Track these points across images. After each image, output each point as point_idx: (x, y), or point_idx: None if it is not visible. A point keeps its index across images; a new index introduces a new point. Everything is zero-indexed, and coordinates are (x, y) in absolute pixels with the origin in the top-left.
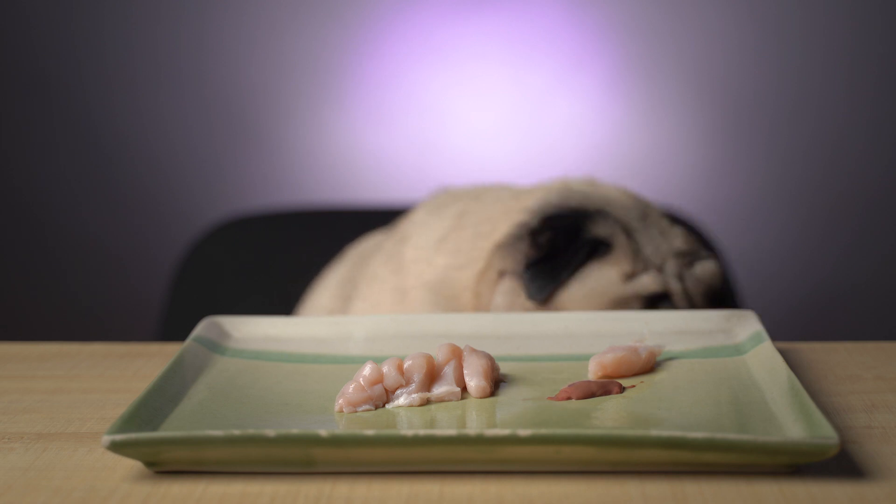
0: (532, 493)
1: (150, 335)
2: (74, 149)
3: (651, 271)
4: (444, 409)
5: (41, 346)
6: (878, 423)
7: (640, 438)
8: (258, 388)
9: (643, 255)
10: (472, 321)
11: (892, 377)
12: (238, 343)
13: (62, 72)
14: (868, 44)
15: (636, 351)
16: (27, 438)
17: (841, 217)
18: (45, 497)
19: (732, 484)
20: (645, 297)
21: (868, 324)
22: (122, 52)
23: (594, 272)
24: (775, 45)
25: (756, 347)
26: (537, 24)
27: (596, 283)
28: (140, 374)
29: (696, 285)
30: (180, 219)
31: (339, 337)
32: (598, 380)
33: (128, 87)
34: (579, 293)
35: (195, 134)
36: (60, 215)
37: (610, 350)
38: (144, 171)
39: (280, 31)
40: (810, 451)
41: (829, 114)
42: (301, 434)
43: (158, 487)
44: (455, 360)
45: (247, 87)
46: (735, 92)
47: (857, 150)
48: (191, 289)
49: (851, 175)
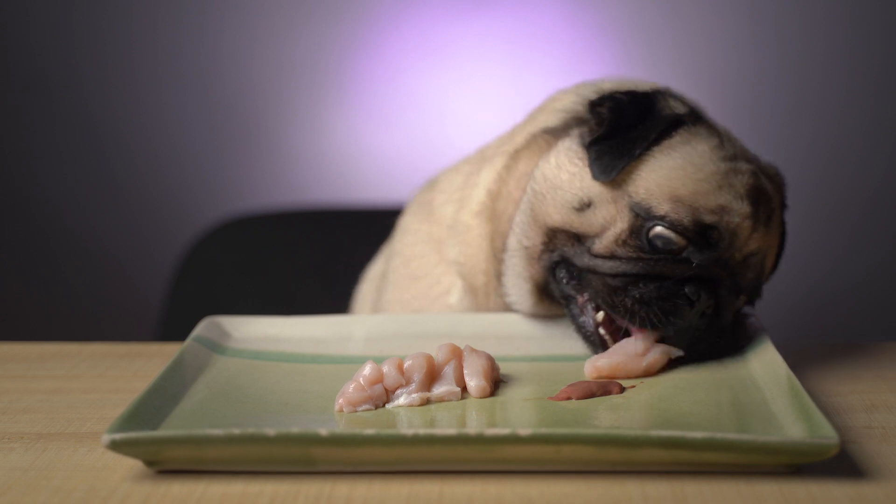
0: (532, 493)
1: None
2: (74, 149)
3: (741, 157)
4: (444, 409)
5: (41, 346)
6: (878, 423)
7: (640, 438)
8: (258, 387)
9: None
10: (473, 321)
11: (892, 377)
12: (238, 343)
13: (62, 72)
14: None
15: (636, 356)
16: (27, 438)
17: (840, 217)
18: (45, 497)
19: (732, 484)
20: (743, 183)
21: (868, 324)
22: (122, 52)
23: (679, 146)
24: (775, 45)
25: (756, 347)
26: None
27: (687, 156)
28: (140, 374)
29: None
30: (180, 219)
31: (338, 337)
32: (597, 380)
33: (128, 88)
34: (664, 167)
35: (195, 134)
36: (60, 215)
37: (607, 354)
38: (144, 171)
39: (280, 31)
40: (810, 451)
41: (828, 114)
42: (301, 433)
43: (158, 487)
44: (455, 360)
45: (247, 87)
46: (734, 92)
47: (857, 151)
48: (191, 289)
49: (851, 175)
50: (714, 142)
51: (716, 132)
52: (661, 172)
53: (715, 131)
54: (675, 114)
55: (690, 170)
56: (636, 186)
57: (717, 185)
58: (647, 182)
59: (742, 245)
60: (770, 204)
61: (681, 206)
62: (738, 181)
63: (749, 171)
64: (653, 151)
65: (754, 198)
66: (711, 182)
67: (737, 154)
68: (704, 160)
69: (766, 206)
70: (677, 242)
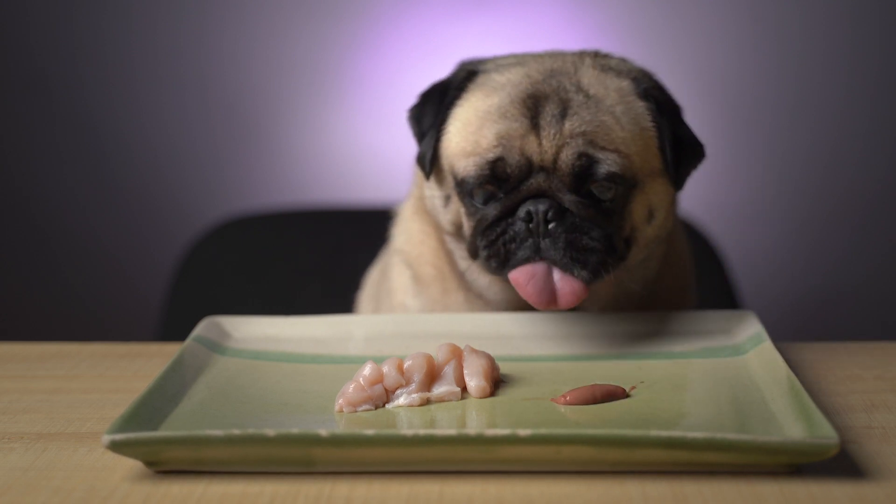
0: (532, 493)
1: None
2: (74, 149)
3: (517, 74)
4: (444, 409)
5: (41, 346)
6: (878, 423)
7: (640, 438)
8: (258, 388)
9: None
10: (472, 321)
11: (892, 377)
12: (238, 343)
13: (62, 72)
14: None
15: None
16: (27, 438)
17: (840, 217)
18: (45, 497)
19: (732, 484)
20: (515, 100)
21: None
22: (122, 52)
23: (459, 111)
24: (775, 46)
25: (756, 348)
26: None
27: (463, 115)
28: (140, 374)
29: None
30: (180, 219)
31: (338, 337)
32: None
33: (128, 88)
34: (450, 136)
35: (195, 134)
36: (60, 215)
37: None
38: (144, 171)
39: (280, 31)
40: (810, 451)
41: (828, 115)
42: (301, 433)
43: (158, 487)
44: (455, 360)
45: (247, 87)
46: (735, 93)
47: (857, 151)
48: (191, 289)
49: (851, 176)
50: (492, 83)
51: (500, 66)
52: (450, 142)
53: (500, 66)
54: (443, 86)
55: (463, 124)
56: (447, 165)
57: (491, 121)
58: (448, 157)
59: (542, 150)
60: (559, 95)
61: (469, 160)
62: (509, 105)
63: (522, 85)
64: (445, 128)
65: (531, 106)
66: (484, 122)
67: (511, 78)
68: (475, 108)
69: (553, 103)
70: (488, 189)
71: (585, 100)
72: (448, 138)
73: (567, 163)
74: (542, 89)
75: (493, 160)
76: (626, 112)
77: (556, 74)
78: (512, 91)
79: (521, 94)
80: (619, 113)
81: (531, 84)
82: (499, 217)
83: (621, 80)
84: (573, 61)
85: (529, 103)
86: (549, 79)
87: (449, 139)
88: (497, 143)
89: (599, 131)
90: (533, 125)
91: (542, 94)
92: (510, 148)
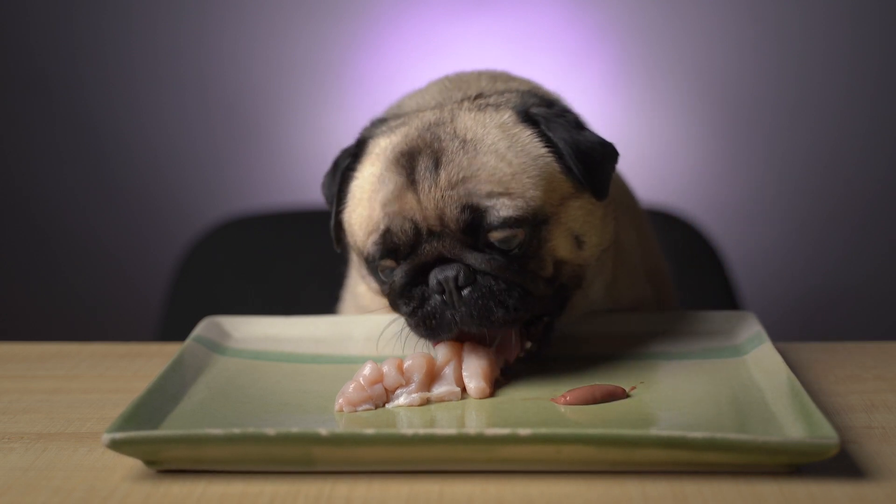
0: (532, 493)
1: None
2: (74, 149)
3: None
4: (444, 409)
5: (41, 346)
6: (878, 423)
7: (640, 438)
8: (258, 388)
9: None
10: None
11: (892, 377)
12: (238, 343)
13: (62, 72)
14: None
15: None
16: (27, 438)
17: (840, 218)
18: (45, 497)
19: (732, 484)
20: (390, 165)
21: (868, 324)
22: (122, 52)
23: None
24: (775, 46)
25: (756, 348)
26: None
27: (352, 193)
28: (140, 374)
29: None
30: (180, 219)
31: (338, 337)
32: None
33: (128, 88)
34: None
35: (195, 134)
36: (60, 215)
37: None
38: (144, 171)
39: (280, 31)
40: (810, 451)
41: (828, 115)
42: (301, 433)
43: (158, 487)
44: (455, 361)
45: (247, 87)
46: (735, 93)
47: (857, 151)
48: (191, 289)
49: (851, 176)
50: (377, 149)
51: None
52: (350, 216)
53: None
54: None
55: (358, 199)
56: (352, 241)
57: (375, 190)
58: (353, 233)
59: (423, 208)
60: (432, 147)
61: (369, 238)
62: (385, 170)
63: (399, 146)
64: (345, 202)
65: (405, 164)
66: (369, 195)
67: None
68: (365, 178)
69: (426, 156)
70: (390, 261)
71: (462, 146)
72: (349, 212)
73: (453, 218)
74: (417, 144)
75: (383, 232)
76: (511, 147)
77: (433, 126)
78: (390, 154)
79: (396, 155)
80: (504, 149)
81: (407, 142)
82: (409, 284)
83: (501, 114)
84: (451, 109)
85: (403, 161)
86: (424, 133)
87: (349, 213)
88: (383, 214)
89: (482, 175)
90: (410, 182)
91: (416, 149)
92: (393, 214)
